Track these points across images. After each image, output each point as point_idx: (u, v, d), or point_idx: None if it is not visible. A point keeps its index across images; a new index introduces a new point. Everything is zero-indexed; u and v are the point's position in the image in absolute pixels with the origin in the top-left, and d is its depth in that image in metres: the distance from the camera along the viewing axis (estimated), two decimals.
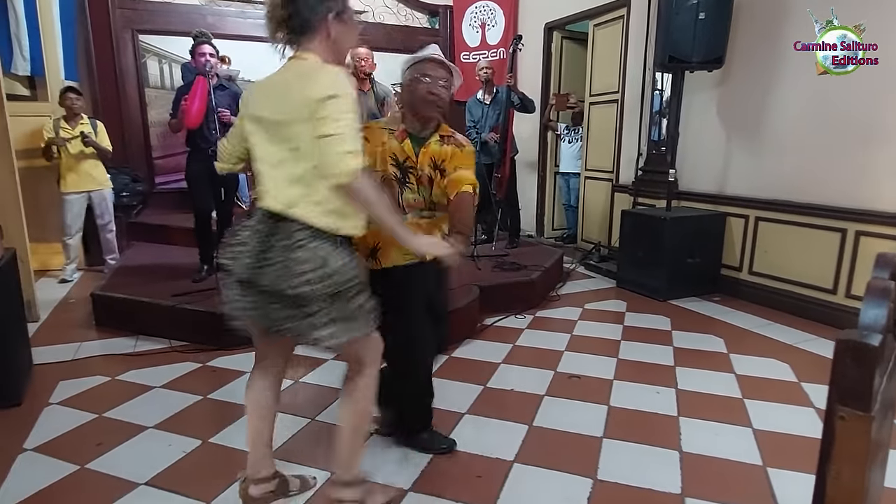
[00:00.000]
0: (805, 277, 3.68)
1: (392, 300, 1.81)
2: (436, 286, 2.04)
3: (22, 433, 2.27)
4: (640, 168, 4.87)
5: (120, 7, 5.53)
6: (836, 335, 0.62)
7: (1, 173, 3.29)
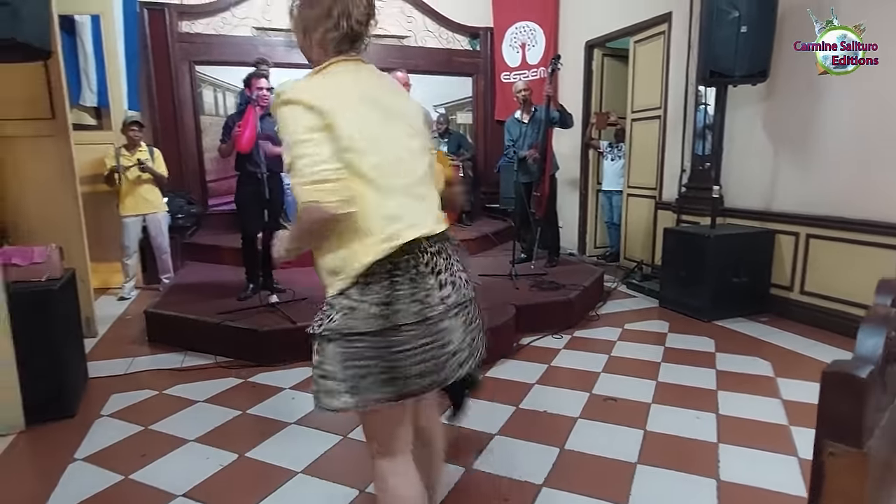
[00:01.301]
0: (859, 297, 3.47)
1: None
2: None
3: (73, 444, 2.41)
4: (684, 185, 4.75)
5: (179, 41, 5.89)
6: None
7: (64, 198, 3.54)
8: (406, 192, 1.25)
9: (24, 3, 2.57)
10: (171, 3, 5.81)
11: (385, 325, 1.19)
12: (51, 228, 3.35)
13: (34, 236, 3.13)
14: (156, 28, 5.75)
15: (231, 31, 6.12)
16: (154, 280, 5.09)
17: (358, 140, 1.18)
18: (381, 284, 1.20)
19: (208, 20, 6.05)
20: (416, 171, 1.30)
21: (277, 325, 3.35)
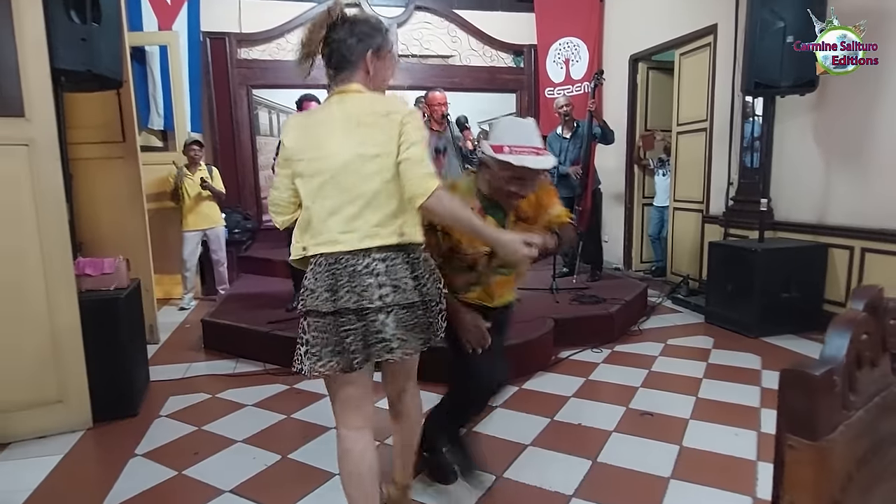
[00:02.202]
0: None
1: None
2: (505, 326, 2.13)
3: (135, 440, 2.61)
4: (732, 198, 4.64)
5: (238, 66, 6.28)
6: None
7: (132, 215, 3.84)
8: (335, 213, 1.50)
9: (101, 39, 2.86)
10: (232, 32, 6.20)
11: (332, 307, 1.48)
12: (119, 242, 3.63)
13: (104, 249, 3.41)
14: (217, 55, 6.16)
15: (285, 56, 6.45)
16: (212, 291, 5.39)
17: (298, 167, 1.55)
18: (324, 275, 1.50)
19: (264, 46, 6.42)
20: (356, 193, 1.49)
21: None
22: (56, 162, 2.61)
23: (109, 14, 2.91)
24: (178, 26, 5.60)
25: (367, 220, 1.48)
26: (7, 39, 2.44)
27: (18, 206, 2.52)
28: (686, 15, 5.08)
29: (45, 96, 2.56)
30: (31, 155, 2.52)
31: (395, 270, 1.51)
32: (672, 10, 5.29)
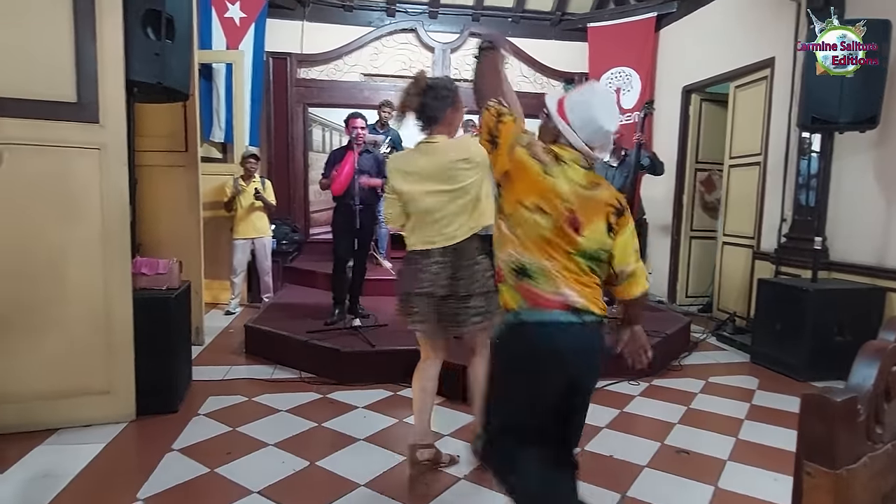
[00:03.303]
0: None
1: None
2: None
3: (173, 435, 2.71)
4: (785, 234, 4.48)
5: (296, 85, 6.56)
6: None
7: (188, 220, 4.04)
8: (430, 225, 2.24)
9: (173, 55, 3.06)
10: (293, 53, 6.50)
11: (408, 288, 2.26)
12: (174, 245, 3.82)
13: (161, 251, 3.59)
14: (278, 74, 6.46)
15: (342, 77, 6.71)
16: (257, 299, 5.57)
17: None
18: (409, 267, 2.29)
19: (322, 67, 6.68)
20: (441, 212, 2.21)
21: (358, 347, 3.56)
22: (123, 167, 2.79)
23: (182, 32, 3.12)
24: (244, 46, 5.92)
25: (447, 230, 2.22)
26: (89, 53, 2.65)
27: (87, 205, 2.70)
28: (743, 48, 5.00)
29: (118, 105, 2.75)
30: (101, 158, 2.71)
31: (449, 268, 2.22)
32: (728, 43, 5.22)
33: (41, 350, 2.65)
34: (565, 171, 1.54)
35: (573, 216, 1.51)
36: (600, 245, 1.54)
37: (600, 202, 1.54)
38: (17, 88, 2.53)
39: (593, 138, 1.56)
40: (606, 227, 1.54)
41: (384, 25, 6.72)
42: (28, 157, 2.57)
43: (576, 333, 1.51)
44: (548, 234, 1.51)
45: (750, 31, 4.91)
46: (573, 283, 1.51)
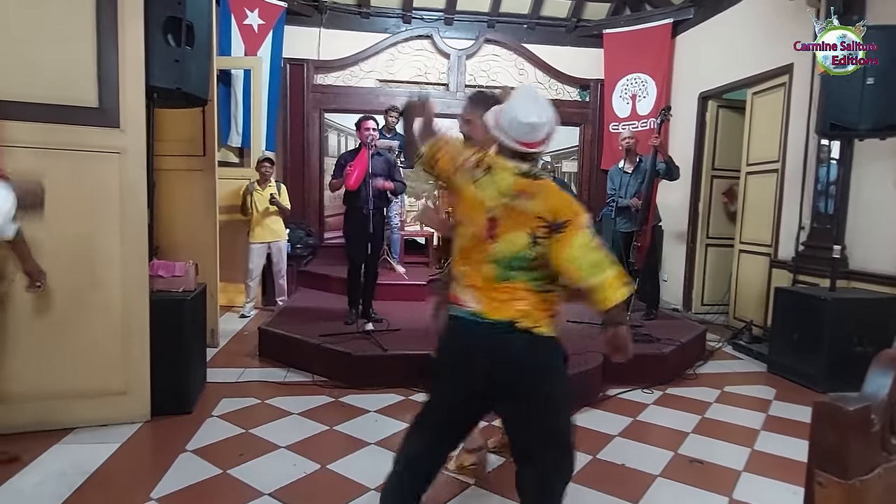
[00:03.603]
0: None
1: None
2: None
3: (187, 436, 2.74)
4: (803, 243, 4.41)
5: (313, 91, 6.62)
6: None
7: (205, 223, 4.09)
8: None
9: (192, 61, 3.12)
10: (310, 59, 6.56)
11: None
12: (191, 247, 3.86)
13: (177, 254, 3.63)
14: (295, 80, 6.52)
15: (358, 83, 6.76)
16: (271, 302, 5.61)
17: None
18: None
19: (339, 73, 6.74)
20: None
21: (370, 351, 3.57)
22: (143, 170, 2.84)
23: (201, 39, 3.17)
24: (262, 52, 6.00)
25: None
26: (111, 60, 2.71)
27: (107, 207, 2.76)
28: (760, 54, 4.95)
29: (139, 111, 2.81)
30: (121, 162, 2.76)
31: None
32: (746, 49, 5.17)
33: (60, 350, 2.70)
34: (494, 181, 1.59)
35: (492, 223, 1.56)
36: (515, 254, 1.53)
37: (527, 213, 1.53)
38: (42, 94, 2.59)
39: (521, 134, 1.59)
40: (530, 239, 1.52)
41: (400, 32, 6.77)
42: (51, 160, 2.62)
43: (483, 333, 1.55)
44: (468, 244, 1.60)
45: (768, 38, 4.86)
46: (483, 290, 1.56)
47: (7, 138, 2.23)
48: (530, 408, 1.57)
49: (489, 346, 1.55)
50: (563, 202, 1.55)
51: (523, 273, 1.55)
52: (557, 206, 1.54)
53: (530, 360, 1.54)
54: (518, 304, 1.54)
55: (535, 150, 1.62)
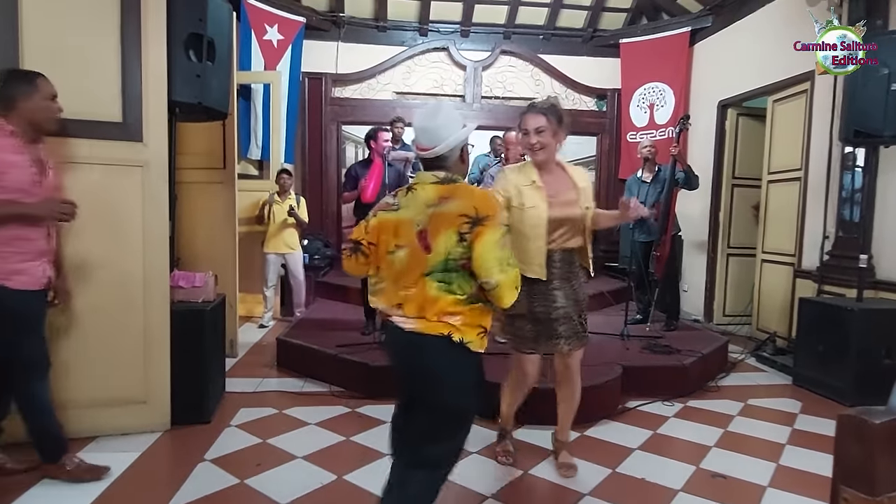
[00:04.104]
0: None
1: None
2: None
3: (205, 446, 2.75)
4: (827, 252, 4.32)
5: (331, 104, 6.70)
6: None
7: (224, 235, 4.14)
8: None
9: (213, 76, 3.18)
10: (328, 73, 6.66)
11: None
12: (210, 258, 3.91)
13: (198, 265, 3.68)
14: (313, 93, 6.62)
15: (374, 96, 6.83)
16: (289, 313, 5.65)
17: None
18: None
19: (356, 86, 6.82)
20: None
21: (386, 361, 3.56)
22: (164, 183, 2.89)
23: (222, 54, 3.24)
24: (281, 66, 6.11)
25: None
26: (135, 76, 2.78)
27: (130, 219, 2.81)
28: (781, 61, 4.88)
29: (161, 125, 2.87)
30: (144, 175, 2.82)
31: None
32: (766, 57, 5.11)
33: (83, 360, 2.74)
34: (414, 198, 1.69)
35: (423, 235, 1.63)
36: (447, 255, 1.61)
37: (450, 214, 1.61)
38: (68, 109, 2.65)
39: (418, 139, 1.74)
40: (457, 237, 1.60)
41: (416, 45, 6.84)
42: (76, 174, 2.68)
43: (395, 334, 1.69)
44: (401, 267, 1.67)
45: (788, 45, 4.76)
46: (406, 305, 1.65)
47: None
48: (424, 410, 1.69)
49: (403, 347, 1.70)
50: (485, 199, 1.68)
51: (457, 278, 1.62)
52: (480, 202, 1.64)
53: (433, 367, 1.65)
54: (450, 319, 1.62)
55: (426, 154, 1.71)
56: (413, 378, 1.73)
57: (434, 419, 1.67)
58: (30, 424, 2.33)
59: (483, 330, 1.68)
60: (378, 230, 1.73)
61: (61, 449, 2.38)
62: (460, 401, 1.67)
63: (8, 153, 2.16)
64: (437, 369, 1.65)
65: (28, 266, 2.24)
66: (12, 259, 2.19)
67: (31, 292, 2.26)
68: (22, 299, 2.22)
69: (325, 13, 6.61)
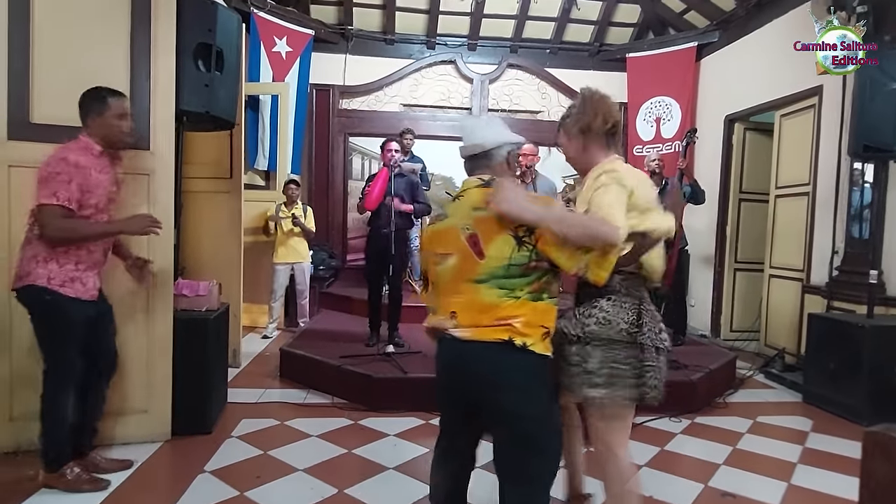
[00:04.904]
0: None
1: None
2: None
3: (205, 457, 2.72)
4: (837, 267, 4.27)
5: (338, 116, 6.74)
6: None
7: (230, 244, 4.14)
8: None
9: (221, 86, 3.19)
10: (336, 84, 6.70)
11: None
12: (216, 268, 3.90)
13: (202, 274, 3.67)
14: (321, 105, 6.66)
15: (382, 107, 6.87)
16: (293, 323, 5.62)
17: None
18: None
19: (364, 98, 6.86)
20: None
21: (390, 373, 3.54)
22: (170, 192, 2.89)
23: (230, 64, 3.25)
24: (289, 78, 6.14)
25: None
26: (144, 84, 2.79)
27: None
28: (788, 76, 4.88)
29: (168, 133, 2.87)
30: (150, 183, 2.82)
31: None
32: (773, 72, 5.11)
33: None
34: (460, 204, 1.62)
35: (473, 240, 1.54)
36: (509, 260, 1.50)
37: (501, 217, 1.51)
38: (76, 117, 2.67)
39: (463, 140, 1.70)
40: (515, 242, 1.50)
41: (424, 57, 6.88)
42: None
43: (448, 346, 1.60)
44: (451, 276, 1.58)
45: (795, 59, 4.77)
46: (460, 313, 1.56)
47: (38, 160, 2.29)
48: (497, 420, 1.57)
49: (469, 364, 1.56)
50: (535, 200, 1.55)
51: (521, 281, 1.51)
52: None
53: (485, 372, 1.53)
54: (511, 322, 1.50)
55: (462, 152, 1.68)
56: (471, 390, 1.57)
57: (506, 431, 1.55)
58: (42, 428, 2.33)
59: (547, 330, 1.54)
60: (428, 244, 1.69)
61: (64, 459, 2.36)
62: (528, 408, 1.52)
63: (96, 173, 2.29)
64: (496, 376, 1.51)
65: (82, 275, 2.32)
66: (68, 266, 2.27)
67: (81, 301, 2.31)
68: (73, 307, 2.28)
69: (334, 26, 6.66)
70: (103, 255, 2.43)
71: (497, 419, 1.56)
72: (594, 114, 1.81)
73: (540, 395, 1.56)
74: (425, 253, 1.71)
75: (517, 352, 1.49)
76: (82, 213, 2.26)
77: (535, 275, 1.51)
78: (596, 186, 1.64)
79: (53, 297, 2.23)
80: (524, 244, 1.50)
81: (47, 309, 2.26)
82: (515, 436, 1.54)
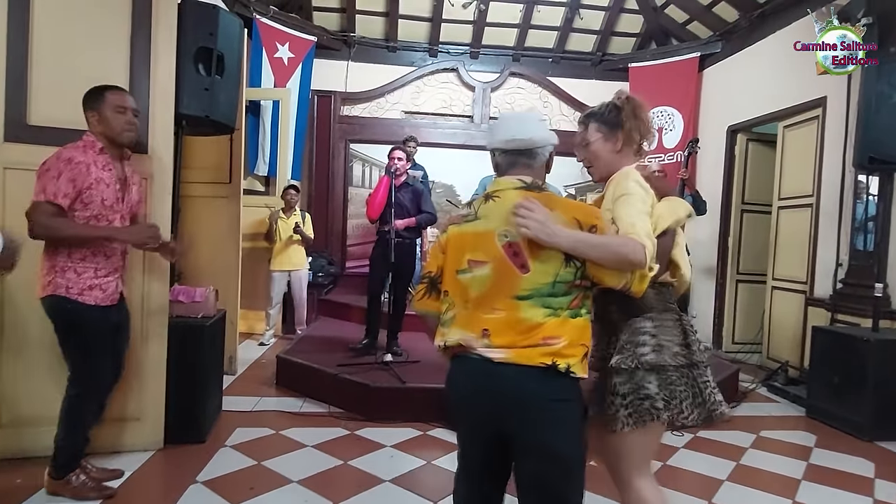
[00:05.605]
0: None
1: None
2: None
3: (198, 467, 2.66)
4: (841, 280, 4.22)
5: (339, 122, 6.73)
6: None
7: (227, 250, 4.10)
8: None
9: (221, 90, 3.17)
10: (337, 91, 6.69)
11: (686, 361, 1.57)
12: (213, 274, 3.86)
13: (200, 279, 3.63)
14: (322, 111, 6.64)
15: (383, 114, 6.85)
16: (291, 330, 5.57)
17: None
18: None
19: (365, 105, 6.85)
20: None
21: (388, 383, 3.48)
22: (168, 196, 2.85)
23: (231, 68, 3.23)
24: (291, 84, 6.13)
25: None
26: (143, 87, 2.76)
27: None
28: (792, 87, 4.86)
29: (167, 138, 2.84)
30: (148, 187, 2.78)
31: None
32: (776, 83, 5.09)
33: None
34: (496, 206, 1.45)
35: (514, 249, 1.39)
36: (555, 277, 1.36)
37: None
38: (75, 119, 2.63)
39: (497, 134, 1.54)
40: (563, 256, 1.36)
41: (426, 65, 6.87)
42: None
43: (475, 366, 1.41)
44: (483, 288, 1.41)
45: (798, 70, 4.77)
46: (494, 332, 1.39)
47: (35, 163, 2.25)
48: (530, 457, 1.41)
49: (503, 390, 1.39)
50: (583, 208, 1.48)
51: (564, 300, 1.38)
52: (580, 212, 1.42)
53: (530, 403, 1.37)
54: (553, 343, 1.36)
55: (506, 144, 1.50)
56: (502, 417, 1.40)
57: (545, 468, 1.39)
58: (58, 432, 2.30)
59: (587, 350, 1.41)
60: (449, 247, 1.51)
61: (73, 465, 2.33)
62: (571, 448, 1.39)
63: (97, 169, 2.24)
64: (539, 409, 1.36)
65: (102, 282, 2.29)
66: (87, 275, 2.24)
67: (102, 308, 2.29)
68: (93, 315, 2.25)
69: (336, 33, 6.66)
70: (122, 259, 2.40)
71: (535, 455, 1.40)
72: (641, 120, 1.66)
73: (582, 428, 1.45)
74: (445, 257, 1.51)
75: (560, 377, 1.35)
76: (86, 212, 2.21)
77: (577, 291, 1.40)
78: (618, 194, 1.50)
79: (74, 305, 2.21)
80: (571, 261, 1.37)
81: (68, 318, 2.24)
82: (555, 473, 1.39)
